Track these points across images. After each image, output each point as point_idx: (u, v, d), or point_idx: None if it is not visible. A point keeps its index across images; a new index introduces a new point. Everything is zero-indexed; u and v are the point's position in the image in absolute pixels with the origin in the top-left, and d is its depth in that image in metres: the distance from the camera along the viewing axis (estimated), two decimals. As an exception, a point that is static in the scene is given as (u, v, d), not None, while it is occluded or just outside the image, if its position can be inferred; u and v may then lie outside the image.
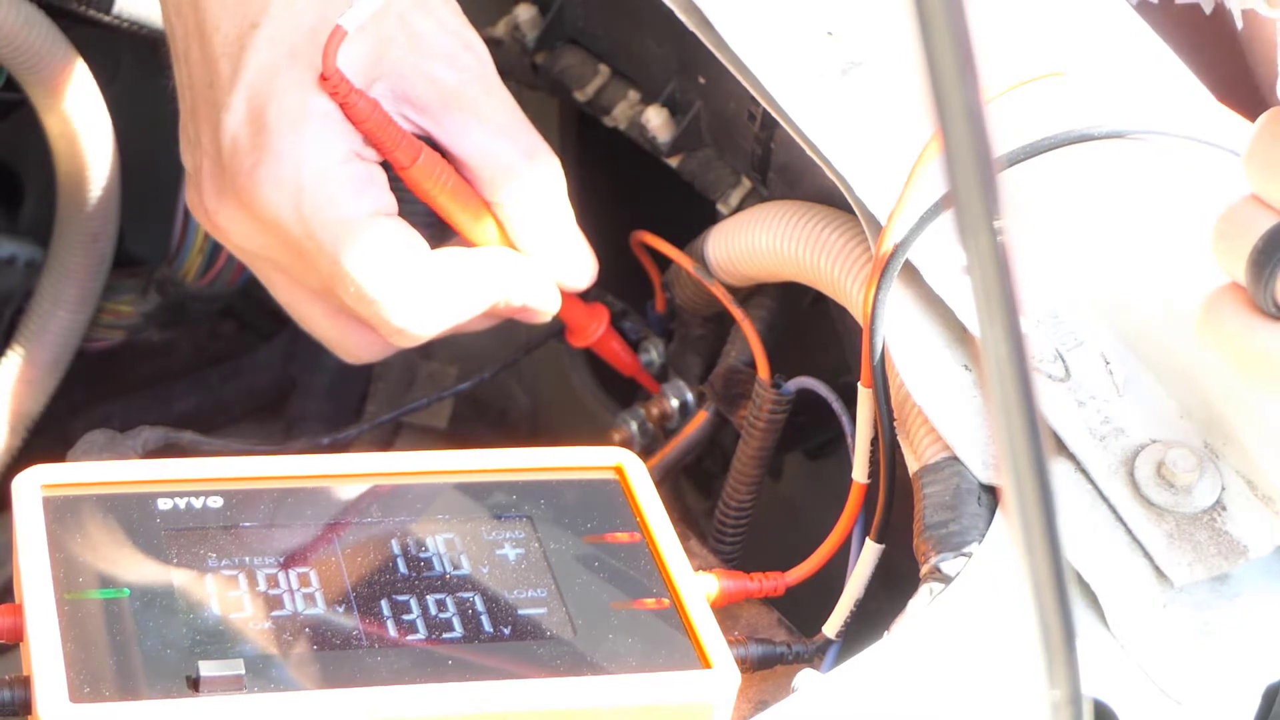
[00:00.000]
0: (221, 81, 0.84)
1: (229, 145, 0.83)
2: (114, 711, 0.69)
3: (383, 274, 0.84)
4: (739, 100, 0.93)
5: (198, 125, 0.86)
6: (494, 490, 0.82)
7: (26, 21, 1.02)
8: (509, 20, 1.07)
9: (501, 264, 0.89)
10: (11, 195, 1.20)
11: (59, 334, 1.13)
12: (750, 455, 0.93)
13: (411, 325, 0.86)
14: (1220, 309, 0.70)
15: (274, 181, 0.83)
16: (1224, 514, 0.77)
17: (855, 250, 0.86)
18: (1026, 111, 0.85)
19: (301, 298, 0.89)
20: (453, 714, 0.72)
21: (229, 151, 0.83)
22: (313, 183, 0.83)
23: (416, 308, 0.86)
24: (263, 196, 0.83)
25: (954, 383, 0.80)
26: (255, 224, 0.85)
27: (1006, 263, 0.49)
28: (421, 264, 0.86)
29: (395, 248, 0.85)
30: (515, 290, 0.89)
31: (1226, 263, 0.69)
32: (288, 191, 0.83)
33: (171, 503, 0.78)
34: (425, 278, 0.86)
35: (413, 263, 0.85)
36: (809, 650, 0.82)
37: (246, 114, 0.83)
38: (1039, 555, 0.53)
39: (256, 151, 0.83)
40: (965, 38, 0.47)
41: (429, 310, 0.86)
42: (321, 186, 0.83)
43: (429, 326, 0.87)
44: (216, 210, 0.86)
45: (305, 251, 0.84)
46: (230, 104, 0.83)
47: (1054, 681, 0.56)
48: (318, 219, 0.83)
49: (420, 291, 0.86)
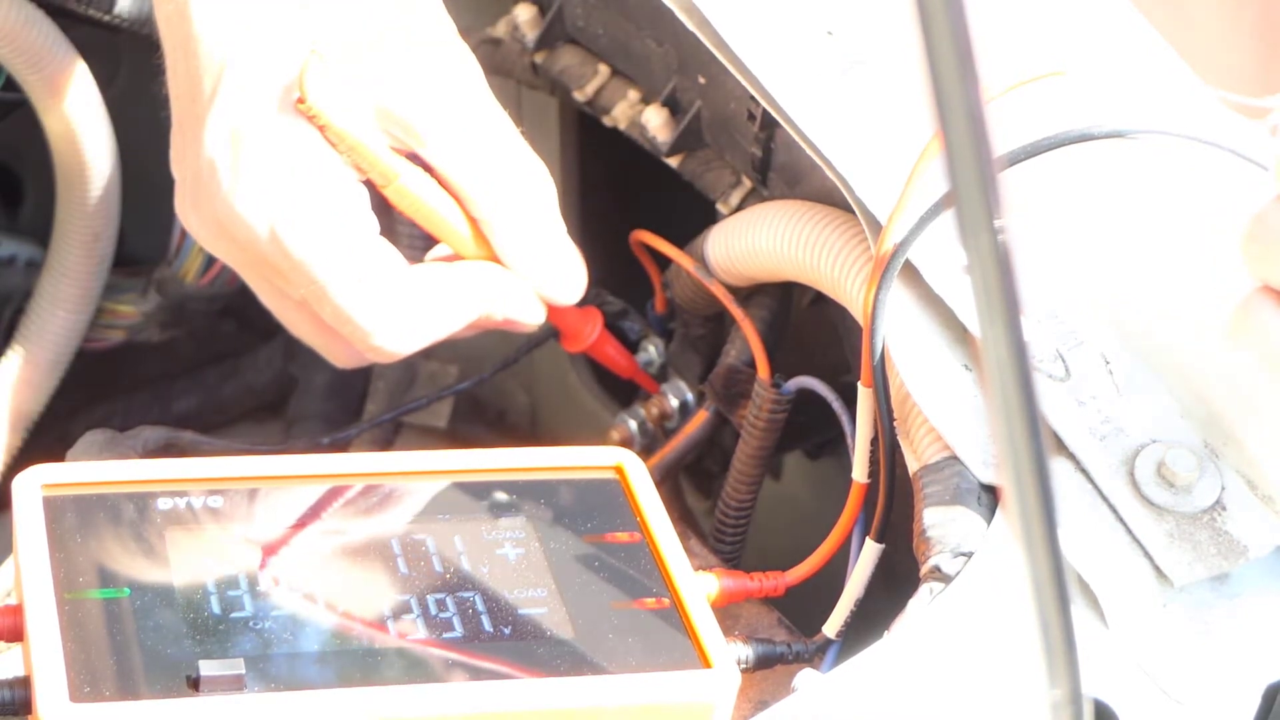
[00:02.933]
0: (203, 99, 0.84)
1: (207, 164, 0.84)
2: (114, 711, 0.69)
3: (358, 295, 0.85)
4: (739, 100, 0.93)
5: (183, 138, 0.86)
6: (494, 490, 0.82)
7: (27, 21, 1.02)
8: (508, 20, 1.07)
9: (482, 279, 0.89)
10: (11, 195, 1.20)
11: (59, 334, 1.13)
12: (750, 455, 0.93)
13: (389, 344, 0.86)
14: (1258, 312, 0.70)
15: (249, 204, 0.83)
16: (1224, 514, 0.77)
17: (855, 250, 0.86)
18: (1026, 111, 0.85)
19: (287, 305, 0.89)
20: (453, 714, 0.72)
21: (207, 170, 0.84)
22: (287, 207, 0.83)
23: (394, 327, 0.86)
24: (238, 218, 0.84)
25: (954, 382, 0.80)
26: (233, 243, 0.85)
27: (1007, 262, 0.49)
28: (399, 283, 0.86)
29: (371, 268, 0.85)
30: (497, 305, 0.89)
31: (1260, 266, 0.69)
32: (263, 215, 0.83)
33: (171, 502, 0.79)
34: (402, 297, 0.86)
35: (389, 282, 0.86)
36: (809, 650, 0.82)
37: (225, 134, 0.83)
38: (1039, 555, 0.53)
39: (233, 173, 0.83)
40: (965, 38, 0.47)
41: (407, 328, 0.87)
42: (296, 210, 0.83)
43: (407, 344, 0.87)
44: (198, 226, 0.86)
45: (281, 271, 0.85)
46: (209, 122, 0.84)
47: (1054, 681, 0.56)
48: (292, 242, 0.83)
49: (397, 311, 0.86)
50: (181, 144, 0.86)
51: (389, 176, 0.86)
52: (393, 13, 0.86)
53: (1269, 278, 0.69)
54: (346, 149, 0.84)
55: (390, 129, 0.86)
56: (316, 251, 0.84)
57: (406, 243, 0.96)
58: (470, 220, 0.89)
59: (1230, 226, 0.76)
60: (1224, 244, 0.81)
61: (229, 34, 0.84)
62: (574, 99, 1.04)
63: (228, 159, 0.83)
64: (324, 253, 0.84)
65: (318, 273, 0.84)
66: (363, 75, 0.85)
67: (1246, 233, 0.69)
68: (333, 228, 0.84)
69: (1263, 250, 0.69)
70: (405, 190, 0.87)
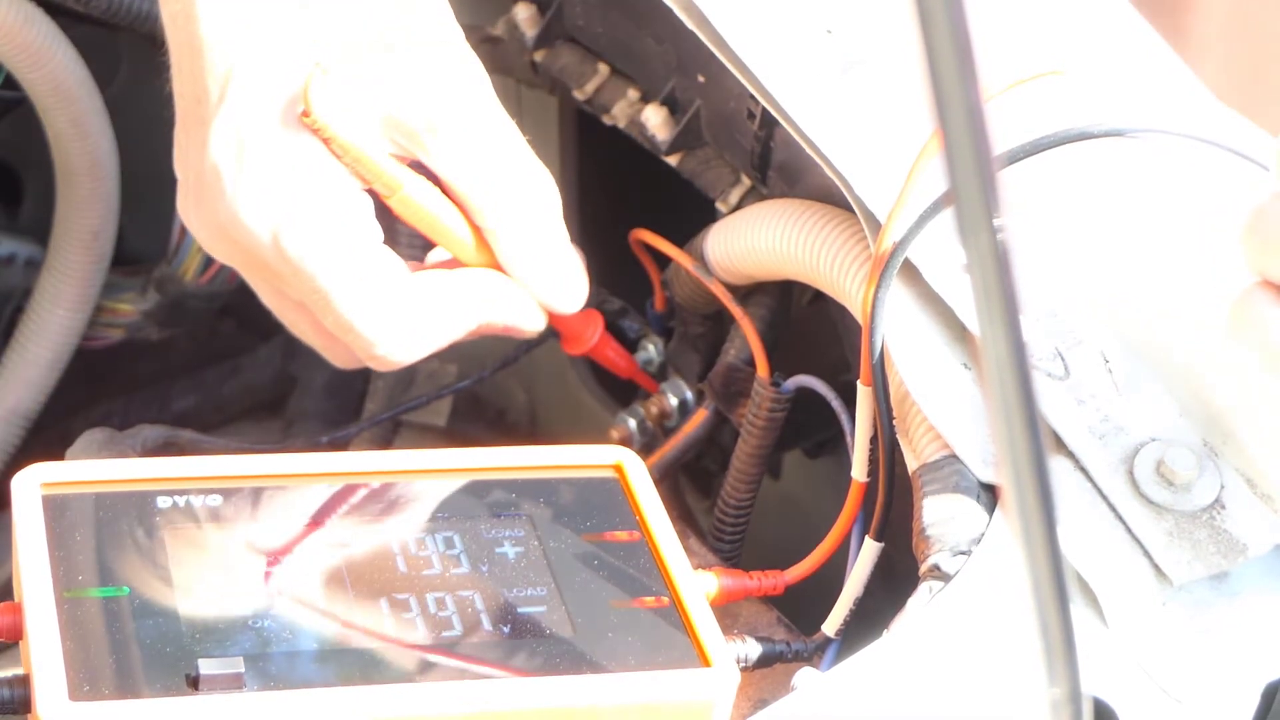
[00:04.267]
0: (210, 103, 0.84)
1: (210, 168, 0.84)
2: (113, 710, 0.69)
3: (360, 304, 0.85)
4: (738, 99, 0.93)
5: (188, 139, 0.86)
6: (493, 489, 0.82)
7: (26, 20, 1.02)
8: (508, 19, 1.07)
9: (483, 286, 0.89)
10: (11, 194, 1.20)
11: (58, 332, 1.13)
12: (749, 453, 0.93)
13: (392, 353, 0.87)
14: (1256, 306, 0.70)
15: (252, 211, 0.83)
16: (1223, 512, 0.77)
17: (855, 249, 0.86)
18: (1026, 110, 0.85)
19: (287, 305, 0.89)
20: (453, 713, 0.72)
21: (210, 173, 0.84)
22: (289, 216, 0.83)
23: (395, 336, 0.86)
24: (240, 224, 0.84)
25: (954, 381, 0.80)
26: (234, 245, 0.85)
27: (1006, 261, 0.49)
28: (400, 292, 0.86)
29: (372, 277, 0.85)
30: (497, 312, 0.89)
31: (1259, 259, 0.69)
32: (265, 223, 0.83)
33: (171, 501, 0.79)
34: (403, 306, 0.86)
35: (391, 291, 0.86)
36: (808, 649, 0.82)
37: (230, 140, 0.83)
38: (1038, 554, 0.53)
39: (236, 180, 0.83)
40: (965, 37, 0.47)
41: (408, 337, 0.87)
42: (298, 219, 0.83)
43: (408, 353, 0.87)
44: (199, 226, 0.86)
45: (282, 276, 0.85)
46: (215, 127, 0.84)
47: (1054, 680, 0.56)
48: (295, 249, 0.84)
49: (398, 320, 0.86)
50: (186, 145, 0.86)
51: (393, 187, 0.86)
52: (393, 12, 0.86)
53: (1268, 272, 0.69)
54: (351, 160, 0.85)
55: (393, 135, 0.86)
56: (319, 259, 0.84)
57: (406, 242, 0.96)
58: (473, 228, 0.89)
59: (1230, 226, 0.76)
60: (1223, 243, 0.81)
61: (234, 37, 0.84)
62: (573, 98, 1.04)
63: (232, 165, 0.83)
64: (327, 261, 0.84)
65: (321, 280, 0.84)
66: (364, 77, 0.85)
67: (1246, 226, 0.69)
68: (336, 236, 0.84)
69: (1262, 244, 0.69)
70: (409, 200, 0.87)
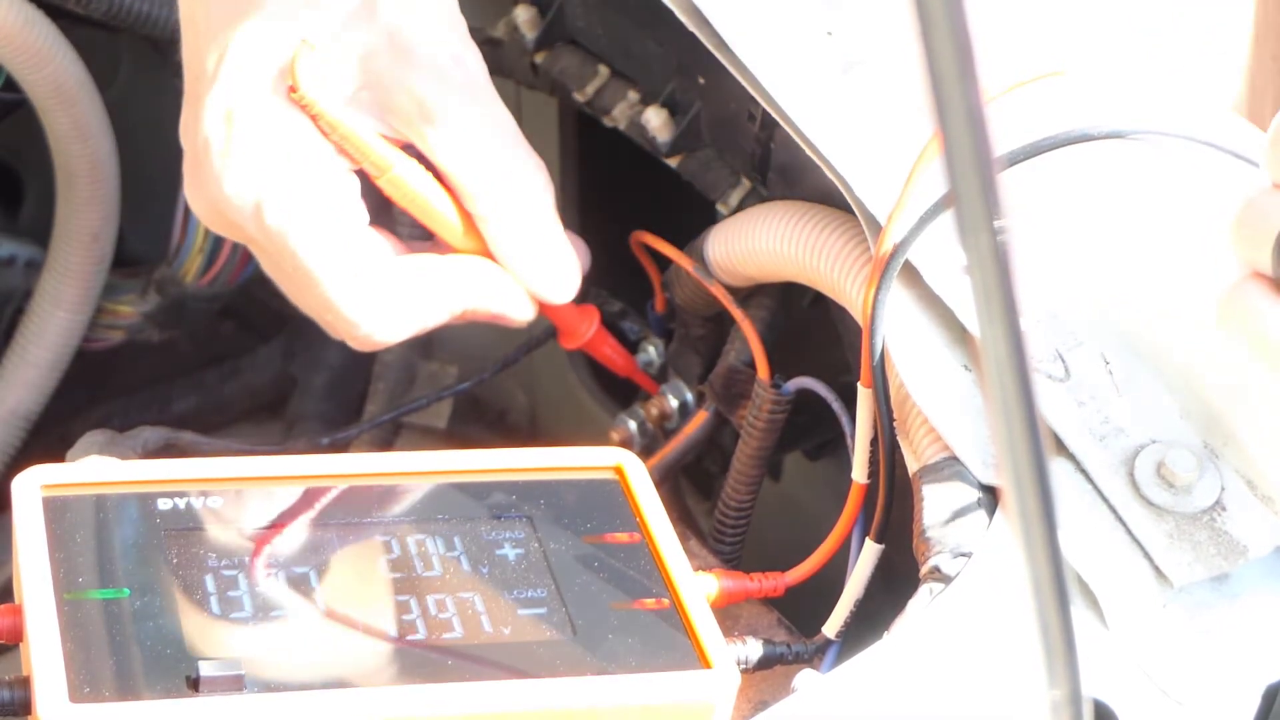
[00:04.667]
0: (205, 77, 0.85)
1: (203, 142, 0.85)
2: (114, 711, 0.69)
3: (342, 283, 0.85)
4: (739, 100, 0.93)
5: (189, 112, 0.87)
6: (493, 490, 0.82)
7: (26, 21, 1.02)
8: (508, 20, 1.07)
9: (471, 272, 0.89)
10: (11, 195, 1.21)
11: (58, 334, 1.13)
12: (750, 455, 0.93)
13: (375, 332, 0.87)
14: (1246, 297, 0.70)
15: (238, 187, 0.84)
16: (1224, 514, 0.77)
17: (855, 250, 0.86)
18: (1026, 111, 0.85)
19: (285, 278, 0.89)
20: (453, 714, 0.72)
21: (202, 148, 0.85)
22: (275, 193, 0.84)
23: (376, 315, 0.87)
24: (228, 199, 0.85)
25: (954, 383, 0.80)
26: (224, 221, 0.86)
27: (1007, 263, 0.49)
28: (383, 273, 0.86)
29: (354, 256, 0.85)
30: (484, 299, 0.90)
31: (1248, 252, 0.69)
32: (250, 199, 0.84)
33: (171, 503, 0.79)
34: (386, 286, 0.86)
35: (373, 272, 0.86)
36: (809, 650, 0.82)
37: (220, 114, 0.84)
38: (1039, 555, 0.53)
39: (225, 155, 0.84)
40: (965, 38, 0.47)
41: (390, 318, 0.87)
42: (283, 197, 0.84)
43: (390, 333, 0.88)
44: (195, 199, 0.88)
45: (266, 251, 0.85)
46: (209, 101, 0.85)
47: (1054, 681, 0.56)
48: (275, 223, 0.84)
49: (380, 300, 0.86)
50: (186, 119, 0.87)
51: (382, 167, 0.86)
52: None
53: (1257, 264, 0.69)
54: (339, 138, 0.85)
55: (386, 117, 0.86)
56: (300, 234, 0.84)
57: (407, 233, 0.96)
58: (463, 213, 0.89)
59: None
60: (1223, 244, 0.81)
61: (231, 13, 0.85)
62: (574, 99, 1.04)
63: (221, 138, 0.84)
64: (307, 236, 0.84)
65: (301, 256, 0.85)
66: (356, 55, 0.85)
67: (1236, 218, 0.69)
68: (318, 214, 0.85)
69: (1252, 236, 0.69)
70: (399, 181, 0.87)
